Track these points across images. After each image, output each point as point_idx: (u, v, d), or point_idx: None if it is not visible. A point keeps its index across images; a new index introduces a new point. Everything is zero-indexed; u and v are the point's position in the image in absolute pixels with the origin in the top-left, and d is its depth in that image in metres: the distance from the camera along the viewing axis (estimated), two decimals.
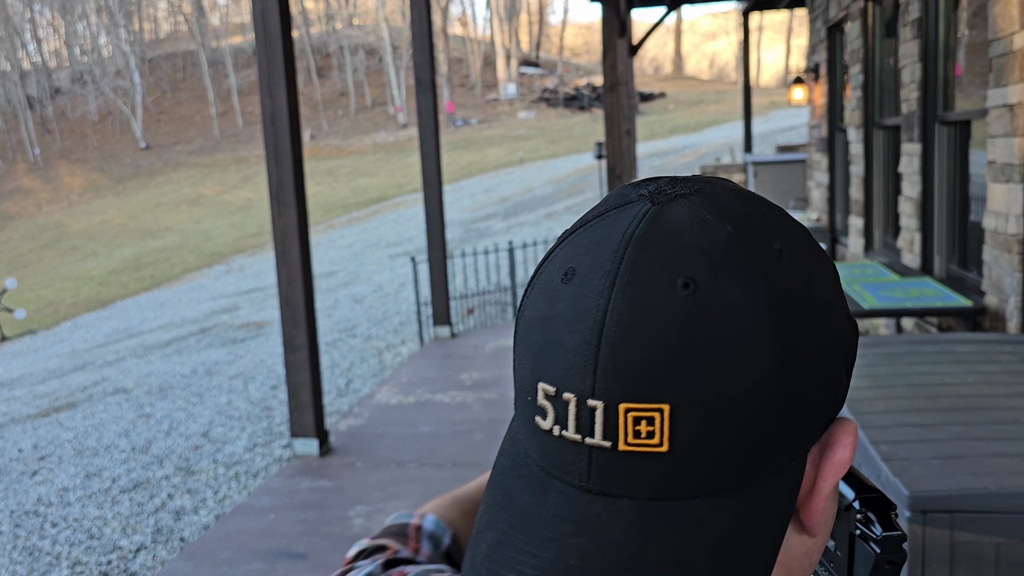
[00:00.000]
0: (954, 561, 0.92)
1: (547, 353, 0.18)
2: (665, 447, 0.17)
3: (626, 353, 0.17)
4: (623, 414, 0.17)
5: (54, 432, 3.58)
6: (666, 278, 0.18)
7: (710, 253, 0.18)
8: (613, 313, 0.17)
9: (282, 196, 2.23)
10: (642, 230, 0.18)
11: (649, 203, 0.19)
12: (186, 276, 10.33)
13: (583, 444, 0.18)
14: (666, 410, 0.17)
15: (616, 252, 0.18)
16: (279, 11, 2.14)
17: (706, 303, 0.17)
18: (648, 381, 0.17)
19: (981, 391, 1.30)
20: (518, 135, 19.50)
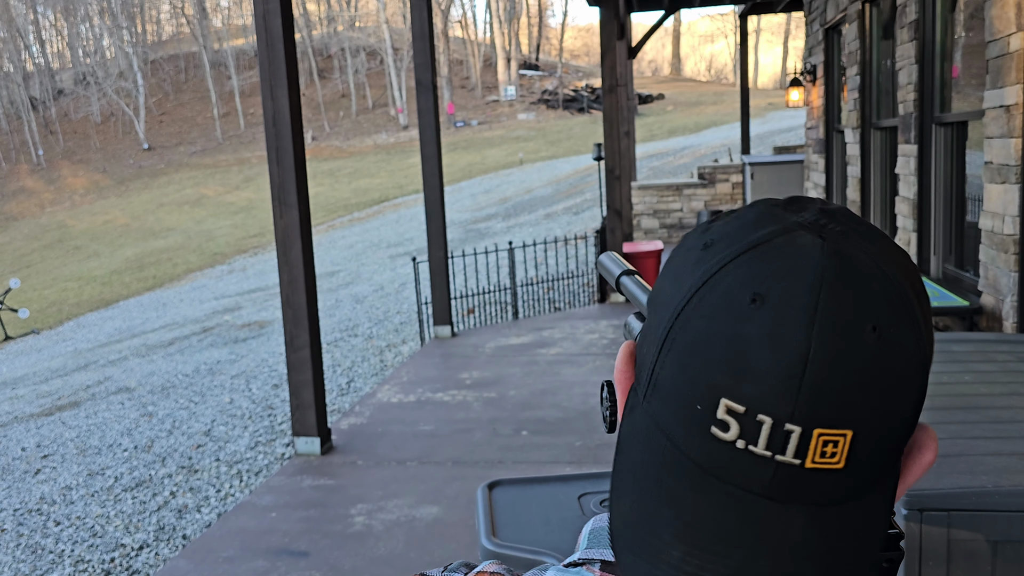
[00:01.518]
0: (951, 559, 0.92)
1: (735, 372, 0.20)
2: (842, 464, 0.21)
3: (824, 386, 0.20)
4: (816, 438, 0.20)
5: (57, 431, 3.60)
6: (859, 322, 0.20)
7: (892, 303, 0.21)
8: (816, 349, 0.20)
9: (284, 197, 2.25)
10: (832, 271, 0.21)
11: (818, 237, 0.21)
12: (188, 276, 10.36)
13: (772, 459, 0.21)
14: (849, 435, 0.20)
15: (812, 289, 0.20)
16: (281, 13, 2.16)
17: (889, 347, 0.20)
18: (839, 411, 0.20)
19: (978, 390, 1.30)
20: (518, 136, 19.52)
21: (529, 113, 22.47)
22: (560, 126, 20.48)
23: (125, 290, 10.02)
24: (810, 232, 0.21)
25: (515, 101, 23.71)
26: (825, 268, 0.21)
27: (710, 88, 25.51)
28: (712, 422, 0.21)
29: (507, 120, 22.35)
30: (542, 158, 16.05)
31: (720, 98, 21.48)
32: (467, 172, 15.71)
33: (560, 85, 23.69)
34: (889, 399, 0.21)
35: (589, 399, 2.66)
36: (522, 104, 23.51)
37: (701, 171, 6.57)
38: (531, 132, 20.15)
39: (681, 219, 6.58)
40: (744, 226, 0.22)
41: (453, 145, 19.00)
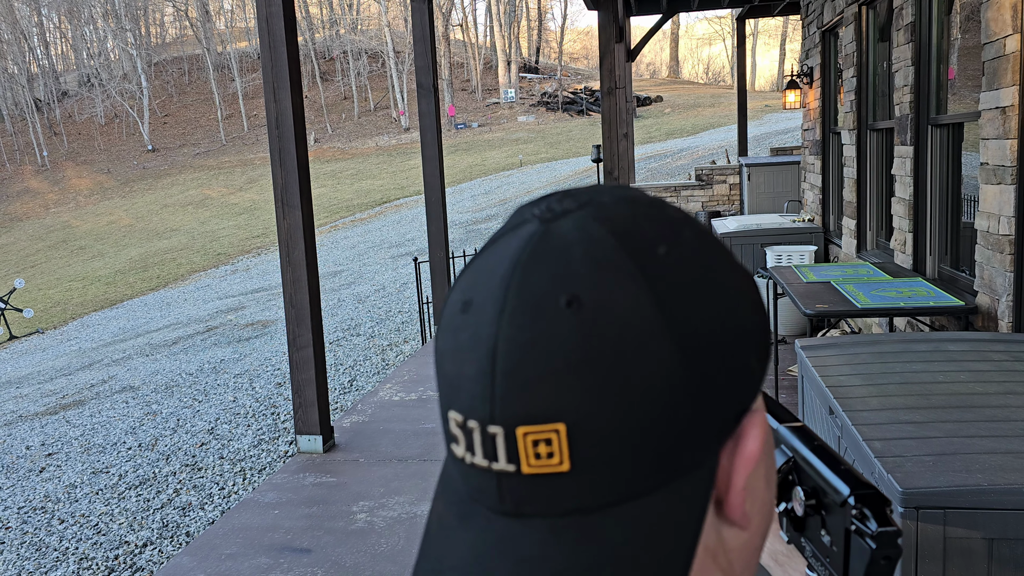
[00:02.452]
0: (947, 556, 0.94)
1: (455, 383, 0.19)
2: (566, 466, 0.17)
3: (516, 377, 0.18)
4: (521, 438, 0.18)
5: (62, 429, 3.62)
6: (551, 298, 0.18)
7: (593, 266, 0.18)
8: (502, 339, 0.18)
9: (287, 198, 2.27)
10: (528, 252, 0.18)
11: (538, 223, 0.19)
12: (192, 276, 10.39)
13: (491, 470, 0.18)
14: (562, 429, 0.17)
15: (504, 277, 0.18)
16: (284, 16, 2.19)
17: (591, 317, 0.17)
18: (541, 403, 0.17)
19: (973, 389, 1.31)
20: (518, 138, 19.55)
21: (529, 115, 22.50)
22: (559, 128, 20.50)
23: (129, 290, 10.06)
24: (538, 221, 0.19)
25: (515, 103, 23.74)
26: (522, 252, 0.18)
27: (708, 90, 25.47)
28: (449, 438, 0.19)
29: (507, 122, 22.38)
30: (542, 160, 16.07)
31: (718, 100, 21.45)
32: (468, 174, 15.74)
33: (559, 88, 23.70)
34: (606, 376, 0.17)
35: None
36: (522, 106, 23.55)
37: (699, 172, 6.59)
38: (531, 134, 20.18)
39: None
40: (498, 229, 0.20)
41: (454, 147, 19.05)
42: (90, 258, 13.82)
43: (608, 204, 0.19)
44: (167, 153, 24.32)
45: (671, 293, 0.18)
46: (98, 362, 5.44)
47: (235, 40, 31.00)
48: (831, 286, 2.25)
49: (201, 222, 15.45)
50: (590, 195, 0.20)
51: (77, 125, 27.84)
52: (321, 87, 26.45)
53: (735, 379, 0.19)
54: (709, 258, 0.20)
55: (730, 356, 0.19)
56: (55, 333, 7.94)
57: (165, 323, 6.71)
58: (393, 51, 24.71)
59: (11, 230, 18.86)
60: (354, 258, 8.74)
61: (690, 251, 0.19)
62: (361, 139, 23.18)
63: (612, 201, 0.20)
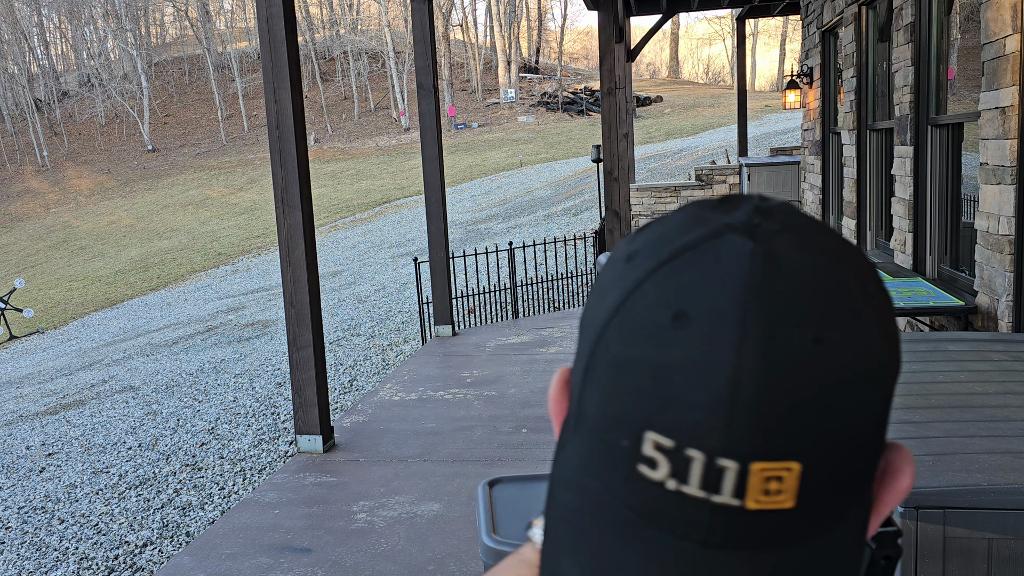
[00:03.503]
0: (947, 556, 0.93)
1: (661, 403, 0.17)
2: (791, 503, 0.17)
3: (761, 412, 0.17)
4: (756, 474, 0.17)
5: (62, 429, 3.63)
6: (797, 333, 0.17)
7: (832, 301, 0.17)
8: (747, 371, 0.17)
9: (287, 198, 2.28)
10: (760, 277, 0.17)
11: (748, 239, 0.18)
12: (193, 276, 10.39)
13: (708, 501, 0.17)
14: (796, 468, 0.17)
15: (738, 301, 0.17)
16: (284, 17, 2.19)
17: (835, 355, 0.17)
18: (781, 440, 0.17)
19: (973, 389, 1.31)
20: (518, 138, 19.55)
21: (529, 116, 22.50)
22: (559, 128, 20.51)
23: (130, 290, 10.06)
24: (740, 234, 0.18)
25: (515, 104, 23.75)
26: (753, 275, 0.18)
27: (708, 91, 25.46)
28: (639, 459, 0.18)
29: (507, 123, 22.38)
30: (542, 160, 16.08)
31: (717, 100, 21.45)
32: (468, 174, 15.75)
33: (559, 88, 23.70)
34: (842, 420, 0.17)
35: None
36: (522, 107, 23.55)
37: (698, 173, 6.59)
38: (531, 134, 20.18)
39: None
40: (669, 232, 0.19)
41: (454, 147, 19.05)
42: (90, 258, 13.83)
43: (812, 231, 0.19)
44: (167, 153, 24.33)
45: (887, 333, 0.18)
46: (98, 362, 5.45)
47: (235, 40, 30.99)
48: None
49: (201, 222, 15.46)
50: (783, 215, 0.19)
51: (77, 125, 27.85)
52: (321, 87, 26.46)
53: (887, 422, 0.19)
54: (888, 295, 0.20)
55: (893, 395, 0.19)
56: (55, 333, 7.94)
57: (165, 323, 6.71)
58: (393, 51, 24.72)
59: (11, 230, 18.87)
60: (354, 258, 8.74)
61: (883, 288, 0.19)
62: (361, 139, 23.18)
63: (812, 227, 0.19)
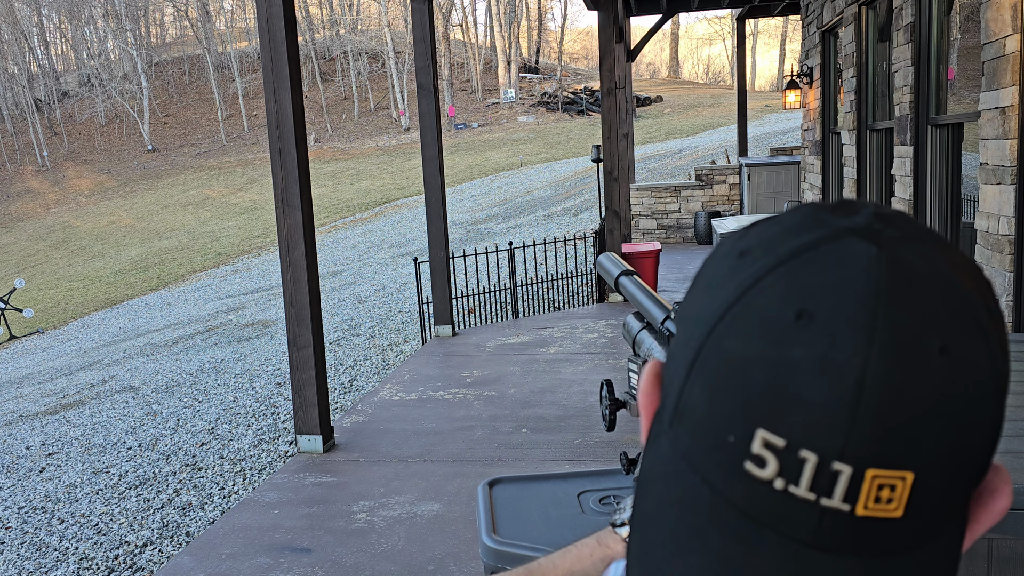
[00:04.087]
0: None
1: (776, 401, 0.17)
2: (900, 512, 0.17)
3: (885, 419, 0.17)
4: (869, 480, 0.17)
5: (62, 429, 3.63)
6: (925, 342, 0.17)
7: (959, 313, 0.17)
8: (872, 375, 0.17)
9: (287, 198, 2.28)
10: (888, 282, 0.17)
11: (872, 244, 0.18)
12: (193, 276, 10.40)
13: (817, 504, 0.17)
14: (909, 477, 0.17)
15: (867, 305, 0.17)
16: (284, 17, 2.19)
17: (959, 368, 0.17)
18: (899, 448, 0.17)
19: None
20: (518, 138, 19.56)
21: (529, 116, 22.51)
22: (559, 128, 20.52)
23: (130, 290, 10.07)
24: (863, 239, 0.18)
25: (515, 104, 23.76)
26: (880, 280, 0.17)
27: (708, 91, 25.47)
28: (746, 456, 0.18)
29: (507, 123, 22.40)
30: (542, 160, 16.09)
31: (717, 100, 21.45)
32: (468, 174, 15.76)
33: (559, 88, 23.70)
34: (959, 433, 0.17)
35: (588, 397, 2.68)
36: (522, 107, 23.56)
37: (698, 173, 6.60)
38: (531, 134, 20.20)
39: (679, 220, 6.59)
40: (785, 231, 0.19)
41: (454, 147, 19.06)
42: (90, 258, 13.84)
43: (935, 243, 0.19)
44: (167, 153, 24.34)
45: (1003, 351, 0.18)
46: (98, 362, 5.45)
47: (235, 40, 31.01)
48: None
49: (201, 222, 15.47)
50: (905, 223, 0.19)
51: (77, 125, 27.86)
52: (321, 87, 26.47)
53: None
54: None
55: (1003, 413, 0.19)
56: (55, 333, 7.95)
57: (165, 323, 6.71)
58: (393, 51, 24.73)
59: (11, 230, 18.88)
60: (354, 258, 8.75)
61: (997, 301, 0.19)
62: (361, 139, 23.19)
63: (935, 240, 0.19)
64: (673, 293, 4.41)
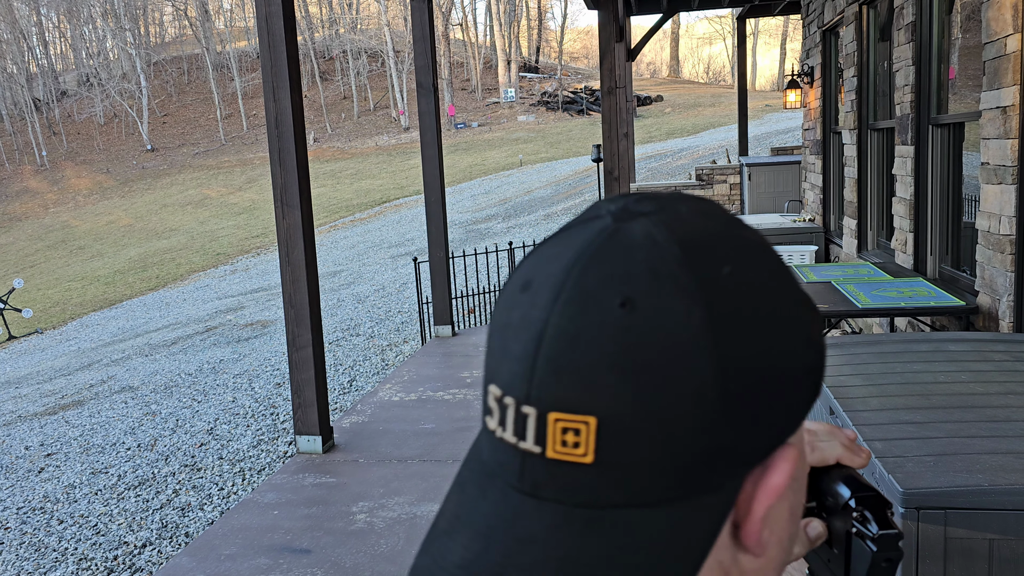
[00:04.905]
0: (948, 557, 0.93)
1: (500, 358, 0.19)
2: (590, 458, 0.18)
3: (558, 364, 0.18)
4: (552, 423, 0.18)
5: (61, 430, 3.62)
6: (607, 295, 0.18)
7: (653, 273, 0.18)
8: (551, 325, 0.18)
9: (286, 197, 2.27)
10: (595, 247, 0.19)
11: (611, 220, 0.19)
12: (192, 276, 10.39)
13: (517, 447, 0.19)
14: (592, 422, 0.18)
15: (567, 267, 0.19)
16: (283, 16, 2.19)
17: (641, 321, 0.18)
18: (578, 393, 0.18)
19: (974, 389, 1.31)
20: (518, 138, 19.58)
21: (529, 115, 22.52)
22: (559, 128, 20.52)
23: (129, 290, 10.06)
24: (609, 216, 0.20)
25: (515, 103, 23.76)
26: (589, 245, 0.19)
27: (708, 90, 25.48)
28: (486, 410, 0.20)
29: (507, 122, 22.40)
30: (542, 160, 16.09)
31: (718, 100, 21.46)
32: (468, 173, 15.76)
33: (559, 87, 23.71)
34: (644, 381, 0.18)
35: None
36: (522, 106, 23.56)
37: (699, 172, 6.60)
38: (531, 134, 20.20)
39: None
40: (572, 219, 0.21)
41: (454, 147, 19.06)
42: (89, 258, 13.83)
43: (684, 214, 0.20)
44: (166, 153, 24.32)
45: (726, 316, 0.18)
46: (97, 362, 5.44)
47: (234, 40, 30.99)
48: (832, 286, 2.25)
49: (200, 222, 15.45)
50: (668, 202, 0.20)
51: (76, 125, 27.82)
52: (321, 87, 26.45)
53: (775, 412, 0.19)
54: (774, 288, 0.20)
55: (773, 389, 0.19)
56: (54, 333, 7.94)
57: (164, 323, 6.71)
58: (393, 51, 24.72)
59: (10, 230, 18.86)
60: (354, 258, 8.74)
61: (756, 277, 0.19)
62: (361, 139, 23.18)
63: (688, 212, 0.20)
64: None
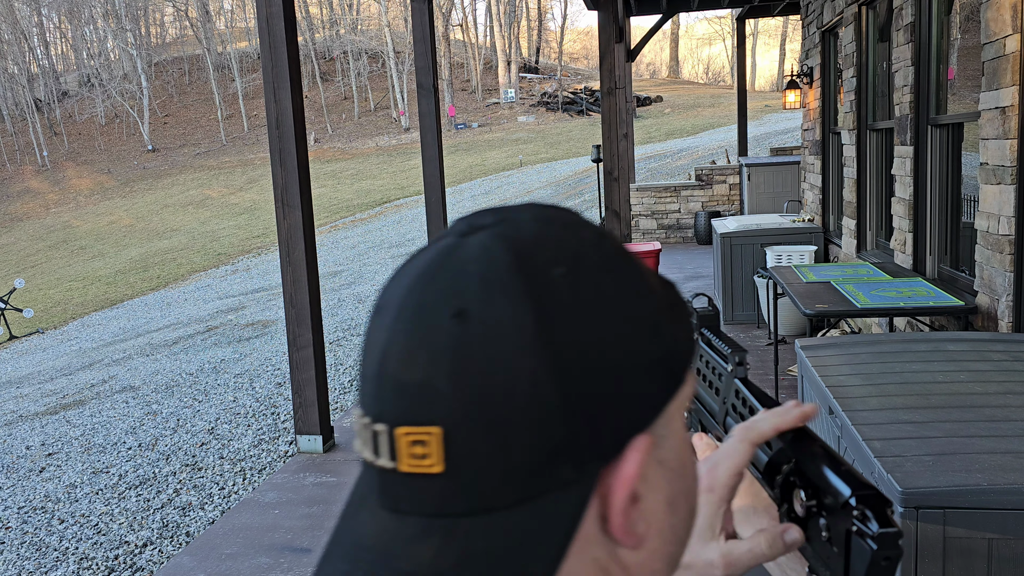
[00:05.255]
0: (947, 556, 0.93)
1: (360, 382, 0.20)
2: (440, 468, 0.18)
3: (400, 380, 0.19)
4: (401, 437, 0.19)
5: (62, 429, 3.63)
6: (441, 308, 0.19)
7: (484, 282, 0.19)
8: (392, 344, 0.19)
9: (287, 198, 2.28)
10: (434, 265, 0.20)
11: (455, 237, 0.20)
12: (193, 276, 10.40)
13: (375, 465, 0.19)
14: (437, 432, 0.18)
15: (408, 286, 0.20)
16: (284, 17, 2.19)
17: (472, 331, 0.18)
18: (421, 406, 0.18)
19: (973, 389, 1.31)
20: (518, 138, 19.58)
21: (529, 115, 22.53)
22: (559, 128, 20.52)
23: (130, 290, 10.07)
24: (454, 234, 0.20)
25: (515, 104, 23.77)
26: (430, 264, 0.20)
27: (708, 90, 25.47)
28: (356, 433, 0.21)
29: (507, 123, 22.41)
30: (542, 160, 16.09)
31: (718, 100, 21.46)
32: (468, 174, 15.76)
33: (559, 88, 23.71)
34: (482, 388, 0.18)
35: None
36: (522, 107, 23.57)
37: (699, 172, 6.59)
38: (531, 134, 20.20)
39: (679, 220, 6.59)
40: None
41: (454, 147, 19.07)
42: (90, 258, 13.84)
43: (523, 222, 0.20)
44: (167, 153, 24.35)
45: (556, 315, 0.19)
46: (98, 362, 5.45)
47: (235, 40, 31.02)
48: (831, 286, 2.26)
49: (201, 222, 15.47)
50: (511, 212, 0.21)
51: (77, 125, 27.87)
52: (321, 87, 26.48)
53: (620, 404, 0.19)
54: (611, 283, 0.20)
55: (615, 381, 0.19)
56: (55, 333, 7.95)
57: (165, 323, 6.72)
58: (393, 51, 24.74)
59: (11, 230, 18.89)
60: (354, 258, 8.75)
61: (590, 275, 0.20)
62: (361, 139, 23.20)
63: (528, 219, 0.21)
64: None
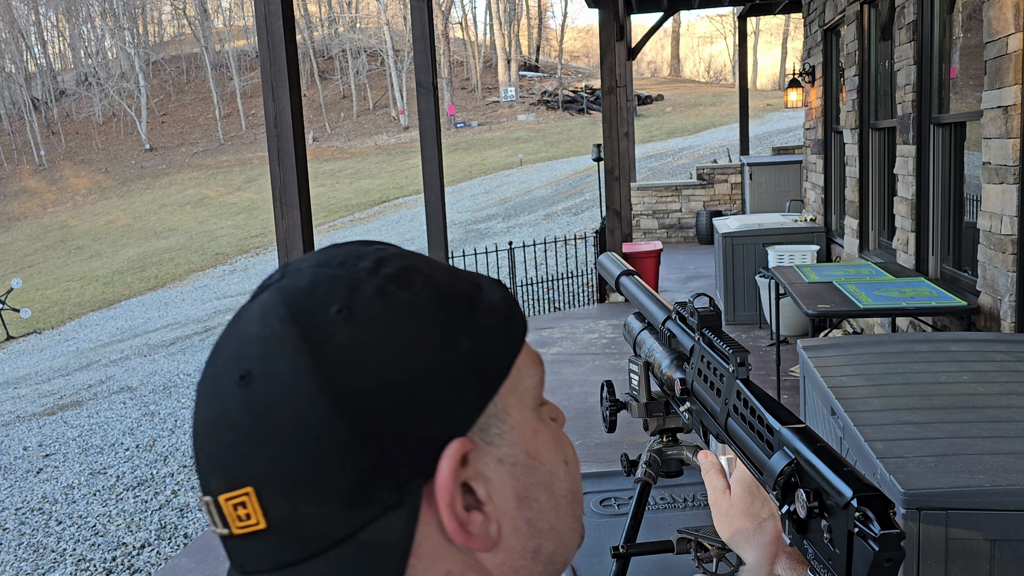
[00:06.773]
0: (949, 558, 0.93)
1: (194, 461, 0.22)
2: (263, 524, 0.19)
3: (209, 452, 0.20)
4: (224, 504, 0.20)
5: (59, 430, 3.62)
6: (229, 376, 0.20)
7: (262, 340, 0.20)
8: (198, 421, 0.21)
9: (285, 197, 2.26)
10: (224, 333, 0.21)
11: (249, 299, 0.21)
12: (190, 276, 10.39)
13: (218, 534, 0.21)
14: (251, 492, 0.19)
15: (207, 361, 0.21)
16: (282, 15, 2.18)
17: (257, 389, 0.19)
18: (232, 471, 0.20)
19: (975, 390, 1.30)
20: (518, 137, 19.58)
21: (529, 114, 22.52)
22: (560, 127, 20.52)
23: (127, 290, 10.05)
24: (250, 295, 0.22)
25: (515, 102, 23.76)
26: (224, 335, 0.21)
27: (709, 89, 25.50)
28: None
29: (507, 121, 22.40)
30: (542, 159, 16.08)
31: (719, 99, 21.47)
32: (467, 173, 15.75)
33: (560, 86, 23.71)
34: (277, 441, 0.19)
35: (589, 398, 2.67)
36: (522, 105, 23.56)
37: (700, 172, 6.59)
38: (531, 133, 20.20)
39: (680, 219, 6.59)
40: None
41: (454, 146, 19.06)
42: (88, 258, 13.81)
43: (301, 271, 0.21)
44: (165, 152, 24.31)
45: (334, 353, 0.20)
46: (96, 362, 5.44)
47: (233, 39, 30.97)
48: (833, 286, 2.25)
49: (199, 222, 15.45)
50: (295, 263, 0.22)
51: (75, 124, 27.80)
52: (320, 86, 26.44)
53: (423, 418, 0.20)
54: (391, 305, 0.20)
55: (409, 399, 0.20)
56: (53, 333, 7.93)
57: (163, 323, 6.71)
58: (392, 50, 24.71)
59: (9, 230, 18.84)
60: None
61: (367, 303, 0.20)
62: (360, 138, 23.18)
63: (308, 266, 0.21)
64: (675, 293, 4.40)
